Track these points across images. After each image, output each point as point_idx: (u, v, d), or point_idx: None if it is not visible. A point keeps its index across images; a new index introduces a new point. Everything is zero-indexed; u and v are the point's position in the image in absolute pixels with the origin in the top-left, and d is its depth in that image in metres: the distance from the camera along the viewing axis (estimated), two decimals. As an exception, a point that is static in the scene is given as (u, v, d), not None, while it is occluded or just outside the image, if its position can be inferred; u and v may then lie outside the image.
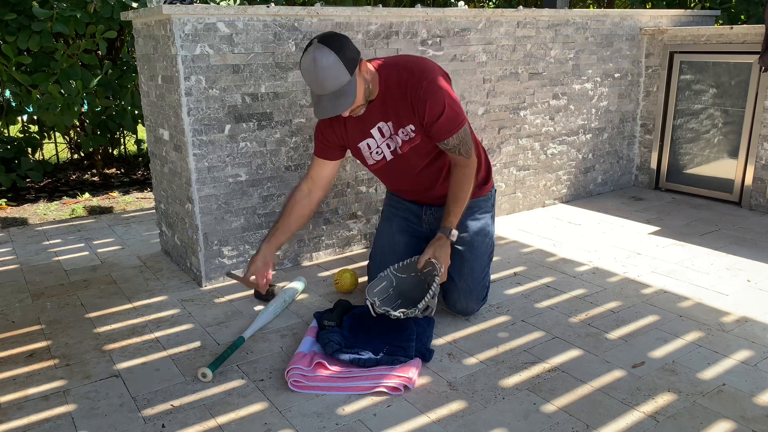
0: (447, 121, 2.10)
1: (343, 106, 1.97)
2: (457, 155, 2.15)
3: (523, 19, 3.24)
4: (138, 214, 3.71)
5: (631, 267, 2.74)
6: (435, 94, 2.07)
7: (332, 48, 1.92)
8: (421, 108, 2.09)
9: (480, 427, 1.66)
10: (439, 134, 2.12)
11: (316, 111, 2.01)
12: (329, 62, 1.91)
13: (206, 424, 1.69)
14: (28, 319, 2.33)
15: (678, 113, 3.86)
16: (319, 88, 1.95)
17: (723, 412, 1.70)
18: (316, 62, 1.91)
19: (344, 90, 1.96)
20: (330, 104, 1.97)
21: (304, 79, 2.01)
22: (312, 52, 1.92)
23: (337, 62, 1.92)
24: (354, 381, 1.84)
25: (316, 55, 1.91)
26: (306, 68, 1.94)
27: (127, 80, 4.36)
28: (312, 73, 1.93)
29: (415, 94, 2.07)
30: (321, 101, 1.98)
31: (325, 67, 1.91)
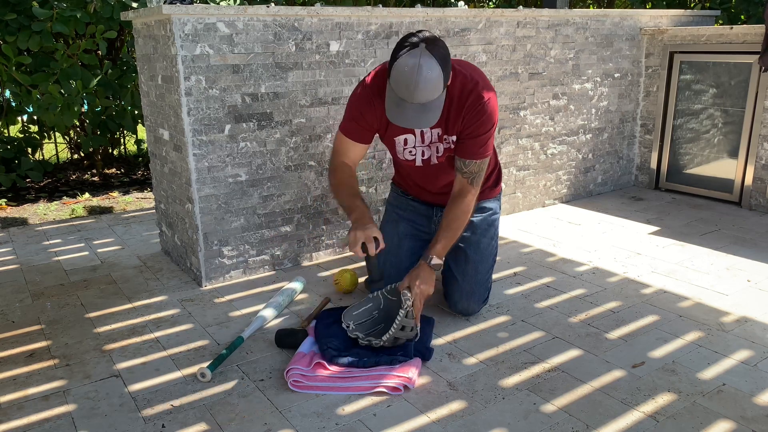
0: (482, 144, 2.08)
1: (427, 121, 1.90)
2: (468, 183, 2.11)
3: (523, 19, 3.24)
4: (138, 214, 3.71)
5: (631, 267, 2.74)
6: (491, 115, 2.05)
7: (438, 60, 1.84)
8: (471, 120, 2.04)
9: (480, 427, 1.66)
10: (469, 151, 2.08)
11: (394, 115, 1.91)
12: (433, 75, 1.82)
13: (206, 424, 1.69)
14: (28, 319, 2.33)
15: (678, 113, 3.86)
16: (409, 95, 1.86)
17: (723, 412, 1.70)
18: (421, 71, 1.81)
19: (433, 105, 1.89)
20: (414, 115, 1.89)
21: (393, 74, 1.87)
22: (418, 57, 1.81)
23: (440, 77, 1.85)
24: (354, 381, 1.84)
25: (422, 63, 1.81)
26: (406, 71, 1.82)
27: (127, 80, 4.36)
28: (411, 80, 1.82)
29: (474, 104, 2.03)
30: (404, 108, 1.89)
31: (428, 78, 1.82)
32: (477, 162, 2.10)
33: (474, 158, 2.09)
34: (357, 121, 2.13)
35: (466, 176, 2.12)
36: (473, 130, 2.06)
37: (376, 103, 2.10)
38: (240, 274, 2.67)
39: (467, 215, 2.13)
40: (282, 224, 2.72)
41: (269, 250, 2.72)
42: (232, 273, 2.65)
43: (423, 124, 1.92)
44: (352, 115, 2.14)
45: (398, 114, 1.91)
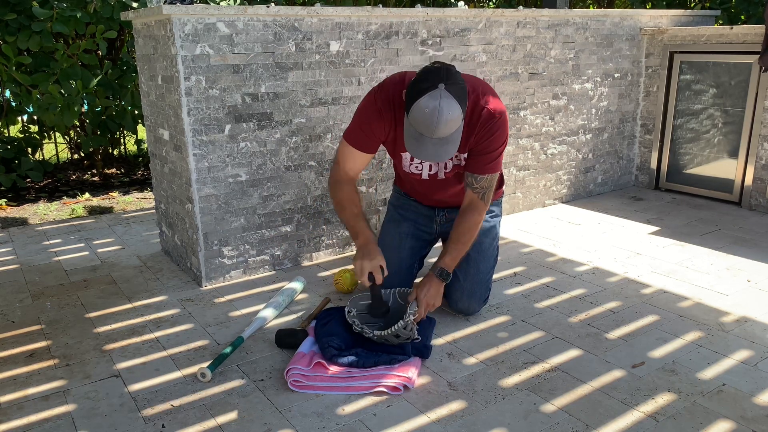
0: (494, 159, 2.09)
1: (446, 153, 1.90)
2: (478, 198, 2.12)
3: (523, 19, 3.24)
4: (138, 214, 3.71)
5: (631, 267, 2.74)
6: (502, 133, 2.06)
7: (459, 101, 1.84)
8: (484, 135, 2.05)
9: (480, 427, 1.66)
10: (481, 167, 2.09)
11: (413, 149, 1.90)
12: (453, 116, 1.83)
13: (206, 424, 1.69)
14: (28, 319, 2.33)
15: (678, 113, 3.86)
16: (430, 133, 1.85)
17: (723, 412, 1.70)
18: (442, 114, 1.81)
19: (452, 138, 1.90)
20: (434, 149, 1.89)
21: (413, 115, 1.86)
22: (438, 99, 1.81)
23: (460, 115, 1.85)
24: (354, 381, 1.84)
25: (443, 105, 1.80)
26: (427, 113, 1.82)
27: (127, 80, 4.36)
28: (431, 121, 1.82)
29: (487, 121, 2.03)
30: (423, 143, 1.89)
31: (448, 120, 1.83)
32: (488, 177, 2.11)
33: (485, 173, 2.10)
34: (364, 130, 2.11)
35: (476, 192, 2.12)
36: (486, 146, 2.07)
37: (385, 114, 2.08)
38: (240, 274, 2.67)
39: (477, 230, 2.15)
40: (282, 224, 2.72)
41: (269, 250, 2.72)
42: (232, 273, 2.65)
43: (443, 158, 1.92)
44: (361, 124, 2.11)
45: (417, 148, 1.91)
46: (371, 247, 2.06)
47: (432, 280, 2.09)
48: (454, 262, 2.12)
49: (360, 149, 2.14)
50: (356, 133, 2.13)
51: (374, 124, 2.09)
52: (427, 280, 2.09)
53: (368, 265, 2.02)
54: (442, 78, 1.84)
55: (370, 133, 2.11)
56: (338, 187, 2.17)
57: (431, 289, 2.08)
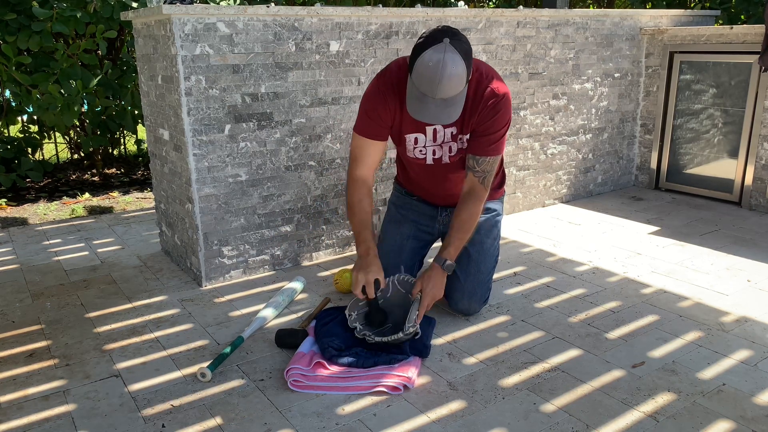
0: (496, 141, 2.07)
1: (449, 116, 1.88)
2: (479, 183, 2.10)
3: (523, 19, 3.24)
4: (138, 214, 3.71)
5: (631, 267, 2.74)
6: (505, 113, 2.05)
7: (463, 55, 1.82)
8: (487, 115, 2.04)
9: (480, 427, 1.66)
10: (483, 148, 2.07)
11: (415, 110, 1.88)
12: (458, 71, 1.80)
13: (206, 424, 1.69)
14: (28, 319, 2.33)
15: (678, 113, 3.86)
16: (432, 90, 1.83)
17: (723, 412, 1.70)
18: (446, 67, 1.78)
19: (455, 100, 1.88)
20: (436, 110, 1.87)
21: (416, 69, 1.84)
22: (443, 52, 1.79)
23: (464, 72, 1.83)
24: (354, 381, 1.84)
25: (447, 60, 1.78)
26: (430, 67, 1.79)
27: (127, 80, 4.36)
28: (435, 75, 1.80)
29: (491, 100, 2.02)
30: (426, 104, 1.87)
31: (452, 75, 1.80)
32: (489, 160, 2.09)
33: (487, 155, 2.08)
34: (371, 117, 2.10)
35: (477, 175, 2.11)
36: (488, 126, 2.05)
37: (389, 98, 2.07)
38: (240, 274, 2.67)
39: (478, 216, 2.13)
40: (282, 224, 2.73)
41: (269, 250, 2.72)
42: (232, 273, 2.65)
43: (445, 120, 1.89)
44: (366, 111, 2.10)
45: (420, 109, 1.89)
46: (369, 260, 2.04)
47: (436, 272, 2.08)
48: (457, 252, 2.11)
49: (371, 137, 2.12)
50: (364, 122, 2.11)
51: (380, 109, 2.08)
52: (431, 273, 2.07)
53: (362, 278, 2.00)
54: (447, 34, 1.83)
55: (377, 119, 2.09)
56: (353, 188, 2.15)
57: (436, 282, 2.06)
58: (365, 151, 2.14)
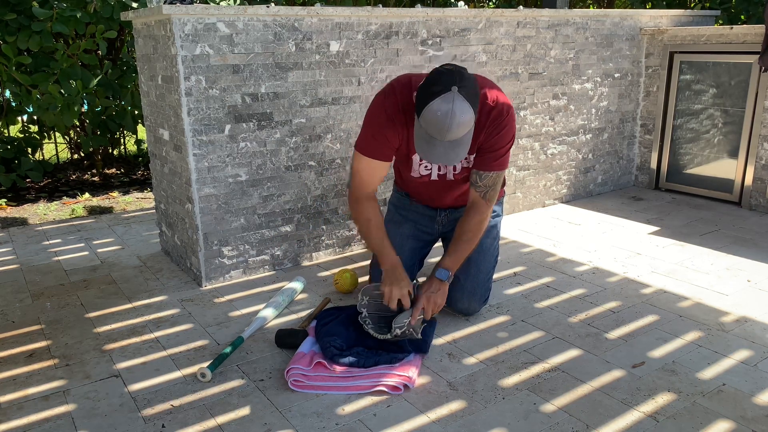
0: (501, 157, 2.09)
1: (457, 156, 1.89)
2: (481, 198, 2.11)
3: (523, 19, 3.24)
4: (138, 214, 3.71)
5: (631, 267, 2.74)
6: (510, 129, 2.07)
7: (471, 103, 1.83)
8: (492, 132, 2.05)
9: (480, 427, 1.66)
10: (487, 164, 2.09)
11: (424, 152, 1.89)
12: (466, 119, 1.83)
13: (206, 424, 1.69)
14: (28, 319, 2.33)
15: (678, 113, 3.86)
16: (441, 135, 1.85)
17: (723, 412, 1.70)
18: (455, 116, 1.80)
19: (463, 140, 1.89)
20: (445, 152, 1.88)
21: (425, 117, 1.85)
22: (451, 102, 1.80)
23: (472, 119, 1.85)
24: (354, 380, 1.84)
25: (456, 109, 1.80)
26: (439, 116, 1.81)
27: (127, 80, 4.36)
28: (444, 124, 1.81)
29: (497, 119, 2.03)
30: (434, 146, 1.88)
31: (461, 123, 1.82)
32: (492, 175, 2.11)
33: (491, 170, 2.10)
34: (378, 139, 2.08)
35: (480, 191, 2.11)
36: (494, 143, 2.07)
37: (397, 120, 2.06)
38: (240, 274, 2.67)
39: (481, 231, 2.14)
40: (282, 224, 2.73)
41: (269, 250, 2.72)
42: (232, 273, 2.65)
43: (454, 160, 1.91)
44: (373, 134, 2.08)
45: (429, 151, 1.89)
46: (398, 273, 2.08)
47: (434, 281, 2.10)
48: (456, 264, 2.12)
49: (377, 158, 2.10)
50: (369, 143, 2.09)
51: (387, 131, 2.07)
52: (433, 285, 2.09)
53: (397, 292, 2.04)
54: (455, 81, 1.82)
55: (383, 140, 2.08)
56: (360, 208, 2.14)
57: (434, 289, 2.08)
58: (369, 169, 2.12)
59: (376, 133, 2.08)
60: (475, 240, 2.14)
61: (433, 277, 2.10)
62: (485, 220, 2.14)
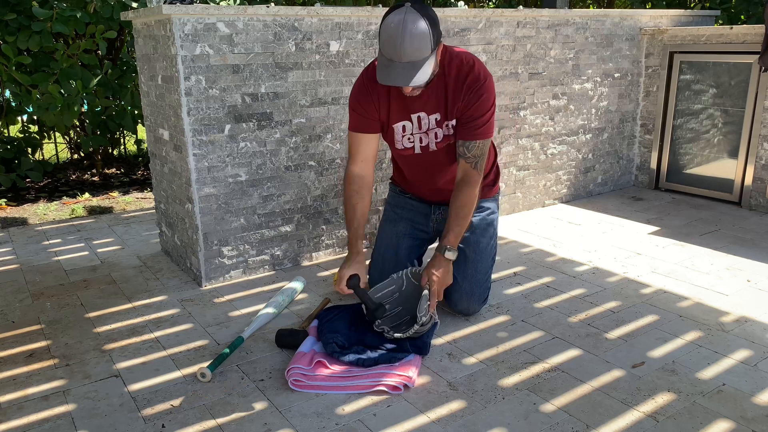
0: (484, 124, 2.09)
1: (417, 79, 1.89)
2: (471, 168, 2.11)
3: (523, 19, 3.24)
4: (138, 214, 3.71)
5: (631, 267, 2.74)
6: (489, 95, 2.07)
7: (425, 17, 1.85)
8: (471, 100, 2.06)
9: (480, 427, 1.66)
10: (471, 132, 2.09)
11: (383, 76, 1.92)
12: (419, 30, 1.84)
13: (206, 424, 1.69)
14: (28, 319, 2.33)
15: (678, 113, 3.86)
16: (396, 53, 1.87)
17: (723, 412, 1.70)
18: (406, 25, 1.83)
19: (420, 64, 1.89)
20: (402, 73, 1.89)
21: (381, 36, 1.90)
22: (404, 13, 1.84)
23: (427, 32, 1.86)
24: (354, 380, 1.84)
25: (407, 19, 1.82)
26: (392, 28, 1.84)
27: (127, 80, 4.36)
28: (397, 36, 1.84)
29: (473, 85, 2.05)
30: (392, 67, 1.90)
31: (413, 33, 1.83)
32: (479, 144, 2.10)
33: (476, 138, 2.10)
34: (358, 112, 2.15)
35: (469, 161, 2.12)
36: (474, 110, 2.07)
37: (371, 90, 2.12)
38: (240, 274, 2.67)
39: (474, 201, 2.14)
40: (282, 224, 2.73)
41: (269, 250, 2.72)
42: (232, 273, 2.65)
43: (412, 81, 1.90)
44: (354, 107, 2.17)
45: (387, 74, 1.91)
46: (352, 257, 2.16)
47: (439, 259, 2.07)
48: (457, 239, 2.11)
49: (361, 131, 2.17)
50: (353, 118, 2.17)
51: (365, 103, 2.14)
52: (436, 261, 2.07)
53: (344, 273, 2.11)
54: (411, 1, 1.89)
55: (364, 113, 2.15)
56: (346, 186, 2.21)
57: (441, 269, 2.06)
58: (357, 146, 2.19)
59: (357, 107, 2.15)
60: (471, 213, 2.14)
61: (438, 256, 2.08)
62: (477, 189, 2.14)
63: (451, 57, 2.08)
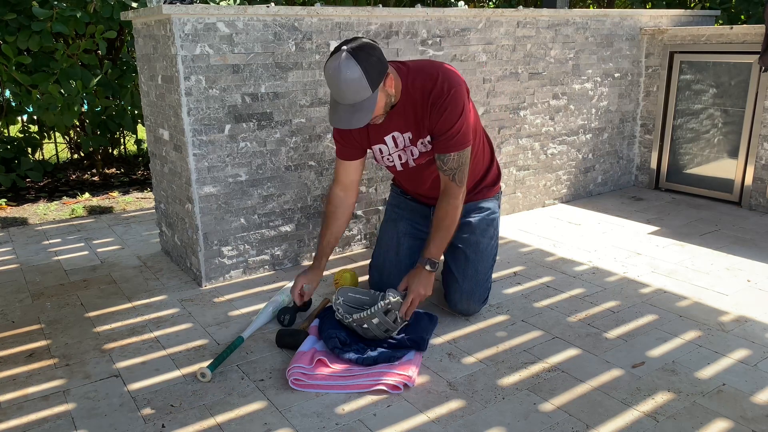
0: (454, 136, 2.08)
1: (358, 121, 1.94)
2: (450, 181, 2.11)
3: (523, 19, 3.24)
4: (138, 214, 3.71)
5: (631, 267, 2.74)
6: (454, 108, 2.06)
7: (359, 61, 1.88)
8: (437, 115, 2.07)
9: (480, 427, 1.66)
10: (443, 145, 2.09)
11: (332, 118, 1.99)
12: (353, 76, 1.88)
13: (206, 423, 1.69)
14: (28, 319, 2.33)
15: (678, 113, 3.86)
16: (338, 97, 1.93)
17: (722, 411, 1.71)
18: (341, 73, 1.87)
19: (363, 105, 1.93)
20: (346, 116, 1.95)
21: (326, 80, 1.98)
22: (338, 60, 1.88)
23: (361, 77, 1.89)
24: (354, 379, 1.84)
25: (341, 66, 1.87)
26: (330, 75, 1.91)
27: (127, 80, 4.36)
28: (334, 83, 1.90)
29: (437, 101, 2.05)
30: (338, 109, 1.96)
31: (348, 80, 1.88)
32: (454, 156, 2.10)
33: (449, 151, 2.10)
34: (339, 141, 2.23)
35: (447, 174, 2.12)
36: (442, 124, 2.08)
37: None
38: (240, 274, 2.67)
39: (456, 213, 2.14)
40: (282, 224, 2.73)
41: (269, 250, 2.73)
42: (232, 273, 2.65)
43: (353, 124, 1.95)
44: (335, 136, 2.24)
45: (333, 115, 1.98)
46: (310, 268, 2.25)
47: (419, 271, 2.09)
48: (439, 251, 2.13)
49: (345, 158, 2.24)
50: (337, 145, 2.24)
51: (345, 133, 2.20)
52: (416, 272, 2.10)
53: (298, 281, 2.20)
54: (346, 43, 1.93)
55: (345, 142, 2.23)
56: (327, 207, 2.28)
57: (421, 280, 2.07)
58: (340, 171, 2.27)
59: (338, 137, 2.23)
60: (454, 225, 2.14)
61: (419, 266, 2.10)
62: (459, 203, 2.14)
63: (414, 76, 2.08)
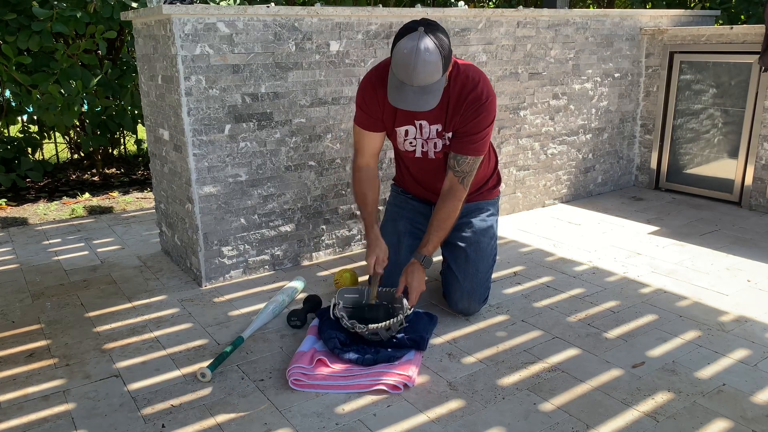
0: (478, 141, 2.10)
1: (426, 103, 1.93)
2: (458, 182, 2.14)
3: (523, 19, 3.24)
4: (138, 214, 3.71)
5: (631, 267, 2.74)
6: (488, 115, 2.09)
7: (437, 42, 1.87)
8: (470, 116, 2.07)
9: (480, 427, 1.66)
10: (465, 148, 2.11)
11: (395, 98, 1.94)
12: (432, 58, 1.86)
13: (206, 423, 1.69)
14: (28, 319, 2.33)
15: (678, 113, 3.86)
16: (409, 77, 1.89)
17: (722, 411, 1.71)
18: (419, 53, 1.84)
19: (432, 88, 1.92)
20: (413, 97, 1.92)
21: (394, 58, 1.92)
22: (416, 39, 1.85)
23: (438, 60, 1.88)
24: (354, 379, 1.84)
25: (421, 45, 1.84)
26: (405, 53, 1.86)
27: (127, 80, 4.36)
28: (410, 62, 1.86)
29: (475, 103, 2.06)
30: (404, 91, 1.92)
31: (426, 61, 1.86)
32: (469, 160, 2.12)
33: (468, 154, 2.11)
34: (364, 110, 2.19)
35: (458, 175, 2.14)
36: (471, 127, 2.09)
37: (378, 91, 2.13)
38: (240, 274, 2.67)
39: (457, 215, 2.17)
40: (282, 224, 2.73)
41: (269, 250, 2.73)
42: (232, 273, 2.65)
43: (422, 107, 1.94)
44: (361, 104, 2.20)
45: (398, 96, 1.94)
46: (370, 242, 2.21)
47: (416, 267, 2.12)
48: (434, 248, 2.16)
49: (366, 128, 2.21)
50: (359, 113, 2.21)
51: (371, 102, 2.16)
52: (413, 268, 2.12)
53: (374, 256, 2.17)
54: (422, 23, 1.91)
55: (368, 111, 2.18)
56: (356, 179, 2.26)
57: (417, 276, 2.10)
58: (362, 141, 2.23)
59: (363, 106, 2.18)
60: (452, 225, 2.17)
61: (415, 263, 2.13)
62: (460, 204, 2.17)
63: (458, 71, 2.09)
